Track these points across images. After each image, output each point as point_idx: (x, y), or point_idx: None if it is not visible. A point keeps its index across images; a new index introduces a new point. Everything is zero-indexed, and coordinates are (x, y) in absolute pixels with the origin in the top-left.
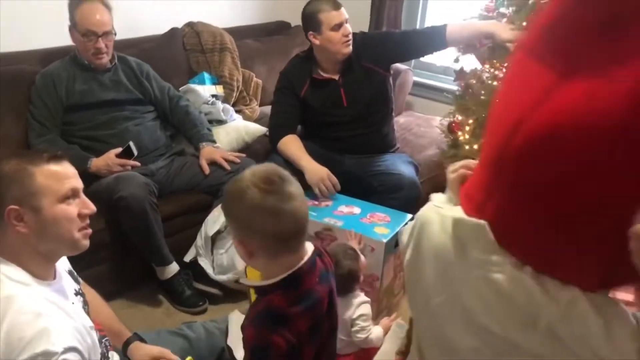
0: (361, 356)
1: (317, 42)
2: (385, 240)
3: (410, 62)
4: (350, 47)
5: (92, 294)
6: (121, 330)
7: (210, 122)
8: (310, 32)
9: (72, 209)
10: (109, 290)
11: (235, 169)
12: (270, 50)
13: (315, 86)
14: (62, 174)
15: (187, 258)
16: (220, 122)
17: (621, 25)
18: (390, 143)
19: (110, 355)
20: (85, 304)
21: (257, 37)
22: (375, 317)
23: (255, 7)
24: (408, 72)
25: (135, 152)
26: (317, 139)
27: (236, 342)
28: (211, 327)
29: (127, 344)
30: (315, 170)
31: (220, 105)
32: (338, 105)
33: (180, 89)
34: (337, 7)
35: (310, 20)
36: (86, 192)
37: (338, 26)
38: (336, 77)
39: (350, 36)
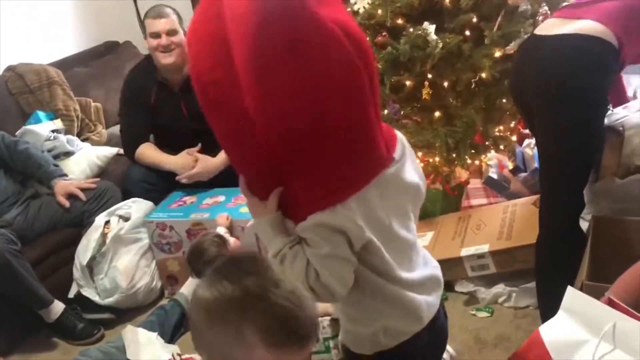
0: None
1: (147, 46)
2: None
3: None
4: (169, 58)
5: None
6: None
7: (58, 156)
8: (144, 36)
9: None
10: (1, 350)
11: (95, 195)
12: (102, 72)
13: (161, 92)
14: None
15: (71, 294)
16: (68, 153)
17: None
18: None
19: None
20: None
21: (87, 63)
22: None
23: (78, 34)
24: None
25: None
26: (170, 150)
27: (136, 355)
28: (106, 347)
29: None
30: (180, 163)
31: (63, 137)
32: (180, 118)
33: (16, 133)
34: (158, 15)
35: (144, 24)
36: None
37: (155, 35)
38: (175, 87)
39: (173, 47)
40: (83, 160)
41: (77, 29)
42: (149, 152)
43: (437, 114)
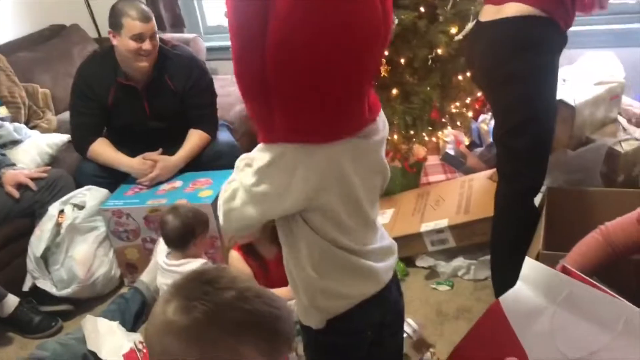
0: None
1: (115, 42)
2: (210, 202)
3: (199, 27)
4: (146, 62)
5: None
6: None
7: (5, 145)
8: (110, 30)
9: None
10: None
11: (46, 184)
12: (49, 57)
13: (121, 91)
14: None
15: (26, 287)
16: (16, 142)
17: None
18: None
19: None
20: None
21: (31, 48)
22: None
23: (20, 18)
24: (197, 39)
25: None
26: (125, 149)
27: (97, 344)
28: (65, 339)
29: None
30: (137, 167)
31: (9, 126)
32: (141, 117)
33: None
34: (145, 19)
35: (114, 18)
36: None
37: (138, 37)
38: (139, 85)
39: (153, 52)
40: (32, 149)
41: (19, 12)
42: (103, 150)
43: (394, 91)
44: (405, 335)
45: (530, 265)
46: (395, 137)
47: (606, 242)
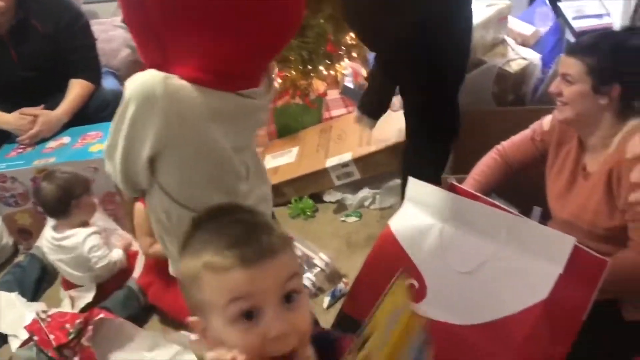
0: None
1: None
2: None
3: None
4: (2, 2)
5: None
6: None
7: None
8: None
9: None
10: None
11: None
12: None
13: None
14: None
15: None
16: None
17: None
18: None
19: None
20: None
21: None
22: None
23: None
24: None
25: None
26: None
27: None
28: None
29: None
30: (14, 123)
31: None
32: (9, 65)
33: None
34: None
35: None
36: None
37: None
38: (1, 30)
39: None
40: None
41: None
42: None
43: None
44: (318, 269)
45: (415, 186)
46: (293, 73)
47: (503, 161)
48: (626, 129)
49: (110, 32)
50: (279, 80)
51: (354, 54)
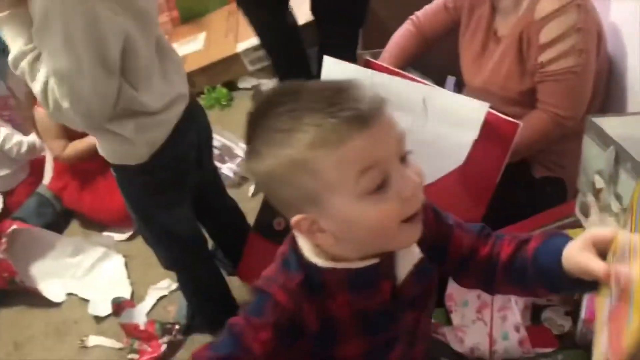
0: None
1: None
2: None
3: None
4: None
5: None
6: None
7: None
8: None
9: None
10: None
11: None
12: None
13: None
14: None
15: None
16: None
17: None
18: None
19: None
20: None
21: None
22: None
23: None
24: None
25: None
26: None
27: None
28: None
29: None
30: None
31: None
32: None
33: None
34: None
35: None
36: None
37: None
38: None
39: None
40: None
41: None
42: None
43: None
44: (239, 159)
45: (329, 64)
46: None
47: (418, 32)
48: None
49: None
50: None
51: None
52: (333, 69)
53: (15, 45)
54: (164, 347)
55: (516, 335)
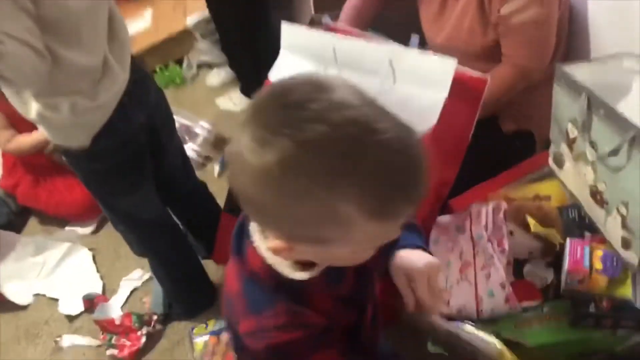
0: None
1: None
2: None
3: None
4: None
5: None
6: None
7: None
8: None
9: None
10: None
11: None
12: None
13: None
14: None
15: None
16: None
17: None
18: None
19: None
20: None
21: None
22: None
23: None
24: None
25: None
26: None
27: None
28: None
29: None
30: None
31: None
32: None
33: None
34: None
35: None
36: None
37: None
38: None
39: None
40: None
41: None
42: None
43: None
44: (201, 138)
45: (289, 32)
46: None
47: None
48: None
49: None
50: None
51: None
52: (293, 36)
53: None
54: (144, 339)
55: (502, 292)
